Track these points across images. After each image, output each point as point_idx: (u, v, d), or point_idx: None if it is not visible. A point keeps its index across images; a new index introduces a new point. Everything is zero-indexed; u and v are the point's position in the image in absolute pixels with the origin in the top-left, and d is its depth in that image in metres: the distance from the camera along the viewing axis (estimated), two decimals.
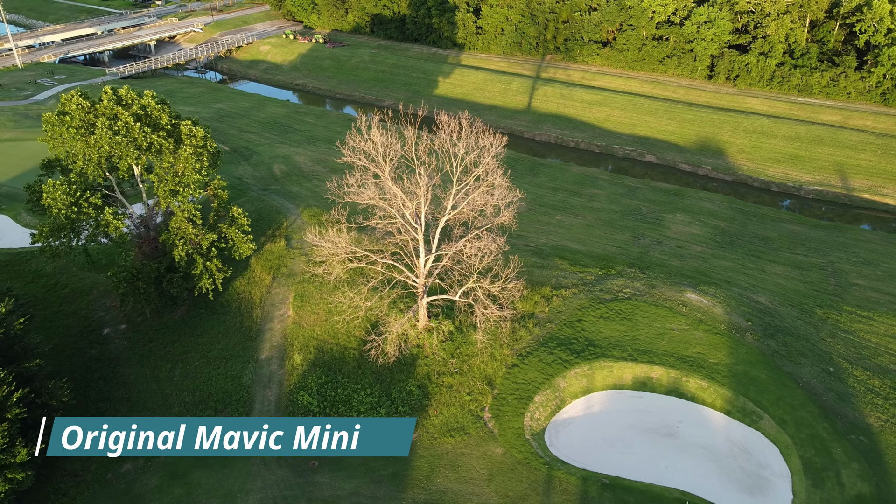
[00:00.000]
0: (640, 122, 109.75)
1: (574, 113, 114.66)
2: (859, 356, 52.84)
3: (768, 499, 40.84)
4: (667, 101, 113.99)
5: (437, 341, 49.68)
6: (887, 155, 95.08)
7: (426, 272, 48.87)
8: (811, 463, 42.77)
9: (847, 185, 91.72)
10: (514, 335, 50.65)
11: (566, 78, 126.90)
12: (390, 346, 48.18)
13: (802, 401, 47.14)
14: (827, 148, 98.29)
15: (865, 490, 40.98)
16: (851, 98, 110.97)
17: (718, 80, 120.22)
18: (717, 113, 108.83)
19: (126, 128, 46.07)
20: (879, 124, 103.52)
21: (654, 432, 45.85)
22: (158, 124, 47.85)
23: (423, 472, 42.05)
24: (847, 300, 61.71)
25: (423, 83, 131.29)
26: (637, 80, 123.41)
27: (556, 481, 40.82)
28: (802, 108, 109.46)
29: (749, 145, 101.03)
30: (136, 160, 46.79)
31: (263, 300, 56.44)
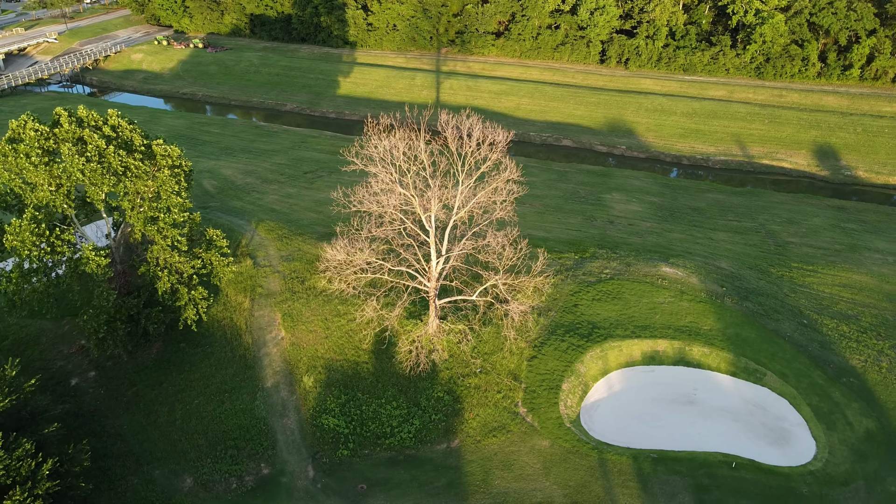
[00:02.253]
0: (550, 108, 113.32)
1: (484, 104, 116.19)
2: (821, 307, 58.05)
3: (795, 447, 43.97)
4: (569, 87, 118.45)
5: (454, 343, 48.82)
6: (774, 123, 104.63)
7: (438, 275, 47.83)
8: (819, 409, 46.52)
9: (747, 154, 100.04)
10: (525, 327, 50.83)
11: (467, 70, 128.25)
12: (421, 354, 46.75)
13: (793, 354, 51.09)
14: (721, 121, 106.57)
15: (871, 426, 45.20)
16: (730, 74, 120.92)
17: (611, 63, 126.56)
18: (619, 95, 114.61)
19: (98, 152, 41.09)
20: (759, 96, 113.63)
21: (674, 402, 47.87)
22: (132, 146, 43.09)
23: (478, 476, 41.34)
24: (790, 257, 67.54)
25: (323, 84, 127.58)
26: (536, 69, 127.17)
27: (610, 464, 41.61)
28: (691, 85, 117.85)
29: (654, 123, 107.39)
30: (114, 187, 41.85)
31: (249, 325, 52.75)
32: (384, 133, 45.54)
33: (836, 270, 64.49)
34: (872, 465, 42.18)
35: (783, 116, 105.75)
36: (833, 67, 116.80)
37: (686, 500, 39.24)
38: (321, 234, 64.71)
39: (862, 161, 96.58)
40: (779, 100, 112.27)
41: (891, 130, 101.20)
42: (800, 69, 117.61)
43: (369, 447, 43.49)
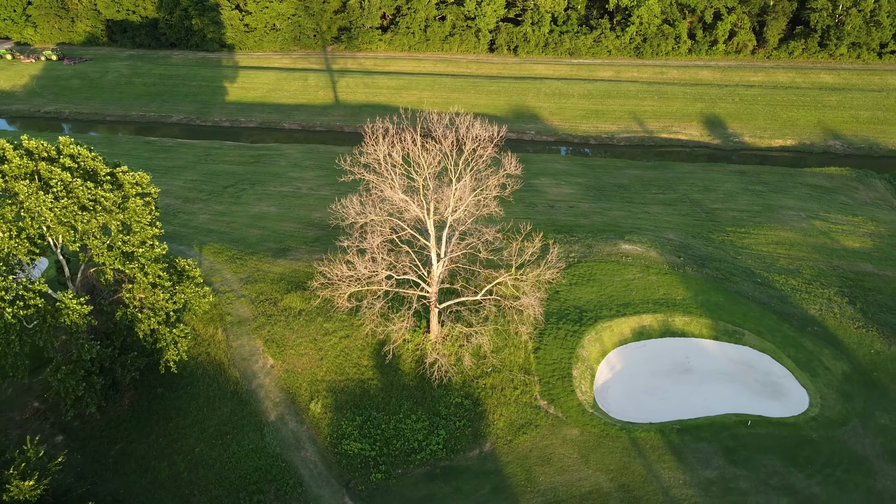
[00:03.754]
0: (453, 99, 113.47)
1: (385, 100, 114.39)
2: (766, 265, 62.73)
3: (790, 398, 47.24)
4: (466, 77, 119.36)
5: (458, 346, 47.73)
6: (663, 99, 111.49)
7: (438, 279, 46.49)
8: (798, 359, 50.29)
9: (646, 129, 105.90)
10: (536, 320, 50.52)
11: (358, 67, 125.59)
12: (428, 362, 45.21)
13: (760, 311, 54.84)
14: (616, 100, 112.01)
15: (845, 367, 49.52)
16: (613, 55, 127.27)
17: (501, 51, 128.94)
18: (516, 82, 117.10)
19: (64, 186, 35.82)
20: (643, 74, 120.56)
21: (673, 373, 49.84)
22: (96, 176, 37.96)
23: (520, 476, 40.82)
24: (722, 223, 72.39)
25: (209, 92, 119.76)
26: (428, 61, 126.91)
27: (641, 441, 42.60)
28: (581, 68, 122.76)
29: (556, 107, 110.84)
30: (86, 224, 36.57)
31: (230, 357, 48.61)
32: (383, 139, 43.39)
33: (765, 230, 69.95)
34: (859, 404, 46.24)
35: (669, 92, 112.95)
36: (701, 43, 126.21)
37: (720, 464, 41.01)
38: (275, 250, 60.98)
39: (745, 128, 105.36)
40: (661, 76, 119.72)
41: (762, 98, 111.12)
42: (673, 47, 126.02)
43: (401, 466, 41.64)
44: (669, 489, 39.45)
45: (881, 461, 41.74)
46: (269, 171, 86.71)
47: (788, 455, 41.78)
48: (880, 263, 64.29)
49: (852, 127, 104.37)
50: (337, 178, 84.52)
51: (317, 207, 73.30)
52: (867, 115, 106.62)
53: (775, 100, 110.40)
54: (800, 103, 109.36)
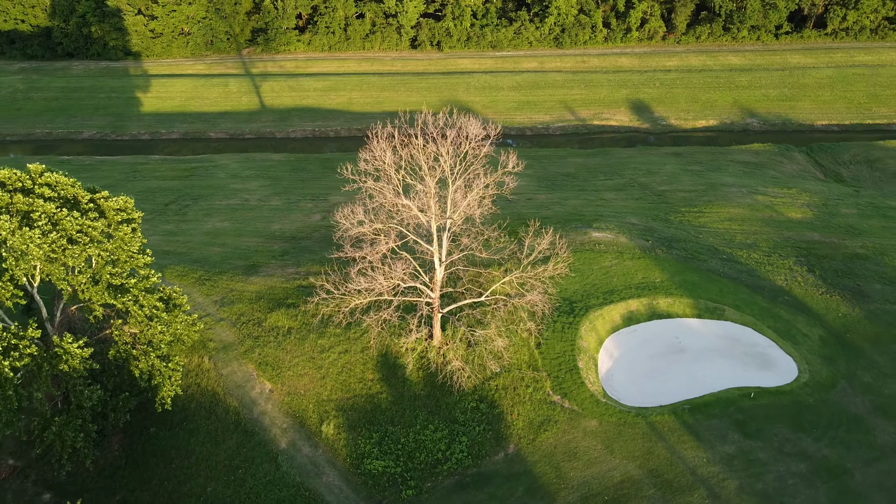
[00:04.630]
0: (384, 98, 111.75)
1: (314, 103, 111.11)
2: (726, 241, 65.49)
3: (780, 367, 49.42)
4: (394, 75, 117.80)
5: (462, 350, 46.87)
6: (589, 87, 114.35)
7: (441, 283, 45.43)
8: (778, 329, 52.77)
9: (578, 117, 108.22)
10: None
11: (280, 70, 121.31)
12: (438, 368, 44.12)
13: (733, 287, 57.19)
14: (545, 90, 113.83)
15: (820, 332, 52.45)
16: (534, 46, 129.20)
17: (424, 48, 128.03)
18: (445, 77, 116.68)
19: (49, 219, 32.18)
20: (566, 64, 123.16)
21: (667, 354, 51.07)
22: (78, 205, 34.37)
23: (551, 474, 40.62)
24: (675, 204, 74.99)
25: (121, 103, 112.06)
26: (351, 61, 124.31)
27: (658, 425, 43.38)
28: (505, 60, 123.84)
29: (488, 100, 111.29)
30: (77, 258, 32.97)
31: (223, 386, 45.62)
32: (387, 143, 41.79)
33: (715, 208, 73.05)
34: (842, 366, 49.08)
35: (595, 80, 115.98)
36: (616, 32, 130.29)
37: (736, 438, 42.39)
38: (244, 268, 57.85)
39: (669, 111, 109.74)
40: (583, 65, 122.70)
41: (680, 82, 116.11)
42: (590, 36, 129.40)
43: (430, 479, 40.48)
44: (696, 469, 40.39)
45: (874, 417, 44.46)
46: (208, 185, 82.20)
47: (793, 422, 43.74)
48: (824, 231, 68.58)
49: (765, 105, 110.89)
50: (284, 187, 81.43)
51: (273, 219, 70.16)
52: (776, 92, 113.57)
53: (692, 83, 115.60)
54: (715, 85, 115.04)
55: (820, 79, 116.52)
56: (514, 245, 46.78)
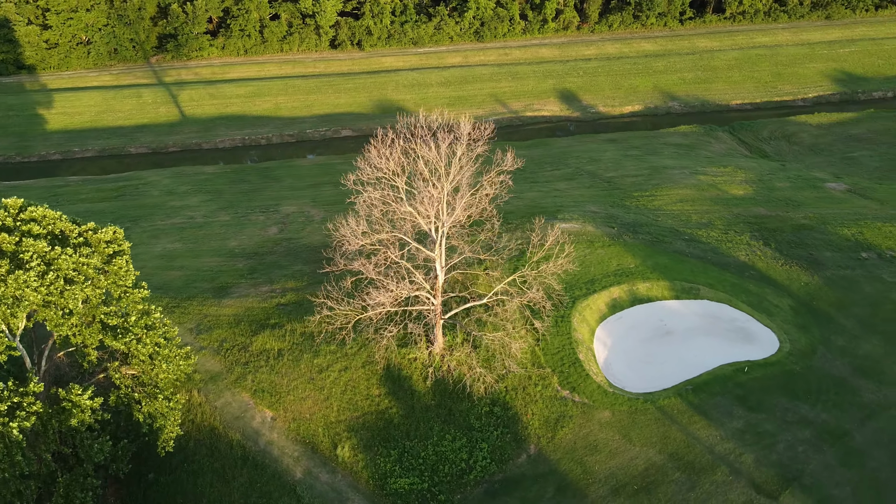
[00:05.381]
0: (312, 101, 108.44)
1: (239, 110, 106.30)
2: (684, 222, 67.80)
3: (762, 339, 51.39)
4: (319, 77, 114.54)
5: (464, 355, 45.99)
6: (516, 79, 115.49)
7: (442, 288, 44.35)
8: (751, 302, 55.07)
9: (510, 109, 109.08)
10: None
11: (195, 77, 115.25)
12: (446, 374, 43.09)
13: (702, 266, 59.28)
14: (474, 84, 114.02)
15: (790, 302, 55.22)
16: (455, 41, 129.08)
17: (345, 47, 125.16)
18: (371, 76, 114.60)
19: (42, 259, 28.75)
20: (489, 57, 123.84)
21: (657, 337, 52.19)
22: (67, 240, 30.94)
23: (577, 470, 40.59)
24: (626, 189, 76.89)
25: (22, 122, 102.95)
26: (271, 64, 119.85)
27: (668, 409, 44.24)
28: (429, 57, 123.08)
29: (419, 98, 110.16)
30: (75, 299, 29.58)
31: (221, 420, 42.71)
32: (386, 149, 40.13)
33: (665, 191, 75.52)
34: (816, 333, 51.81)
35: (520, 72, 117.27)
36: (534, 23, 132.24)
37: (741, 413, 43.85)
38: (213, 290, 54.52)
39: (596, 98, 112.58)
40: (506, 58, 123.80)
41: (602, 70, 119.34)
42: (509, 28, 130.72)
43: (458, 491, 39.53)
44: (713, 447, 41.48)
45: (856, 378, 47.18)
46: (143, 204, 76.94)
47: (788, 391, 45.75)
48: (768, 205, 72.34)
49: (683, 88, 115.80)
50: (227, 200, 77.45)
51: (227, 236, 66.47)
52: (691, 76, 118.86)
53: (613, 70, 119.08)
54: (634, 71, 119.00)
55: (727, 61, 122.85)
56: (513, 243, 46.30)
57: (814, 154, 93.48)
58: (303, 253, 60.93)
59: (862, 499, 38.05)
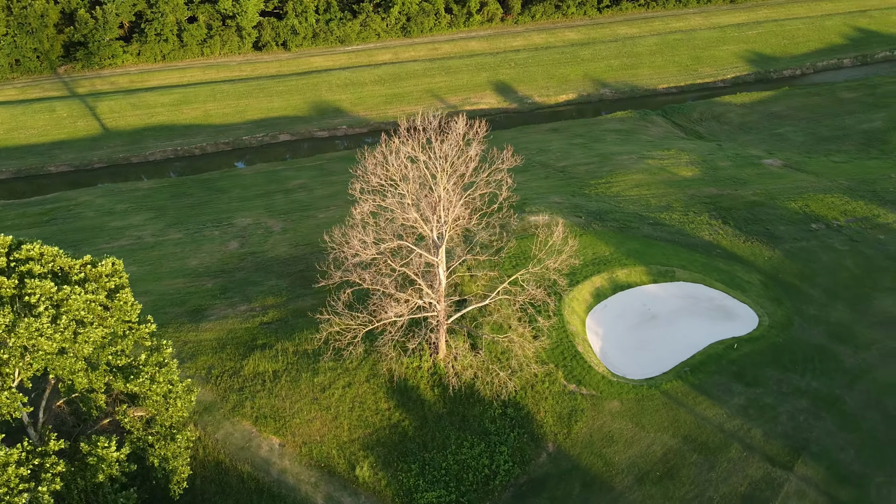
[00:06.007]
0: (244, 107, 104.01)
1: (166, 119, 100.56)
2: (645, 206, 69.43)
3: (742, 316, 53.22)
4: (247, 81, 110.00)
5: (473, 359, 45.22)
6: (450, 73, 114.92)
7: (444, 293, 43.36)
8: (724, 280, 57.02)
9: (448, 104, 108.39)
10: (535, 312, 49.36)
11: (112, 87, 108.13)
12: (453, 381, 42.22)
13: (673, 248, 60.91)
14: (409, 81, 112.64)
15: (759, 277, 57.57)
16: (382, 38, 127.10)
17: (270, 49, 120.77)
18: (302, 78, 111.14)
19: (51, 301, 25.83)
20: (420, 53, 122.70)
21: (644, 322, 53.12)
22: (67, 277, 27.98)
23: (599, 464, 40.73)
24: (582, 178, 77.95)
25: None
26: (194, 69, 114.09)
27: (672, 393, 45.13)
28: (359, 55, 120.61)
29: (355, 97, 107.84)
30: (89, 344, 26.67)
31: (225, 453, 40.18)
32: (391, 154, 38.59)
33: (619, 177, 77.10)
34: (788, 304, 54.26)
35: (453, 66, 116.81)
36: (459, 16, 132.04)
37: (741, 389, 45.31)
38: (188, 314, 51.35)
39: (531, 89, 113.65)
40: (436, 53, 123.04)
41: (532, 60, 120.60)
42: (435, 23, 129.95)
43: (487, 498, 38.86)
44: (721, 426, 42.64)
45: (834, 344, 49.71)
46: (81, 227, 71.50)
47: (777, 363, 47.66)
48: (717, 185, 75.15)
49: (611, 75, 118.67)
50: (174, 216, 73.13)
51: (185, 255, 62.72)
52: (617, 62, 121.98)
53: (543, 60, 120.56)
54: (563, 60, 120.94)
55: (649, 46, 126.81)
56: (512, 242, 45.86)
57: (743, 132, 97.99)
58: (273, 267, 58.32)
59: (866, 460, 40.12)
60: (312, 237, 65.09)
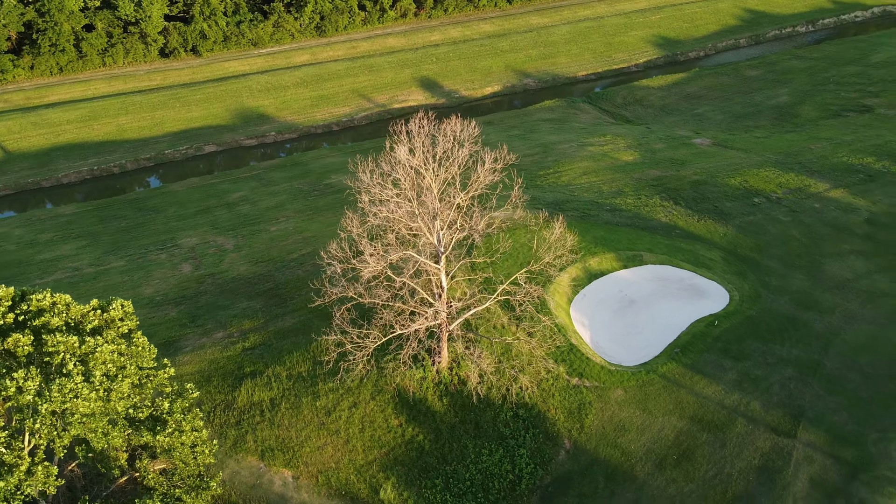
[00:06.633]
0: (161, 118, 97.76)
1: (75, 137, 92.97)
2: (597, 193, 70.78)
3: (713, 292, 55.12)
4: (160, 91, 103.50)
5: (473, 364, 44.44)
6: (373, 72, 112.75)
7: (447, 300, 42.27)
8: (688, 260, 59.00)
9: (377, 103, 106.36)
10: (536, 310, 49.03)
11: (7, 105, 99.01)
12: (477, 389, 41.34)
13: (634, 232, 62.43)
14: (332, 82, 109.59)
15: (720, 254, 59.88)
16: (297, 38, 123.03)
17: (179, 55, 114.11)
18: (220, 84, 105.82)
19: (75, 357, 22.89)
20: (338, 52, 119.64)
21: (625, 308, 54.02)
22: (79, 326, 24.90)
23: (616, 455, 41.03)
24: (531, 169, 78.41)
25: None
26: (98, 81, 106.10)
27: (670, 375, 46.12)
28: (276, 57, 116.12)
29: (279, 102, 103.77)
30: (124, 399, 23.77)
31: (236, 492, 37.58)
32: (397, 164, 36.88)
33: (567, 166, 78.19)
34: (752, 278, 56.73)
35: (375, 64, 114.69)
36: (373, 13, 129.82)
37: (730, 365, 46.87)
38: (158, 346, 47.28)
39: (456, 83, 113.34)
40: (355, 51, 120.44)
41: (453, 54, 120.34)
42: (349, 20, 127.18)
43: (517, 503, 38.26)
44: (722, 401, 44.01)
45: (801, 311, 52.39)
46: (4, 263, 64.88)
47: (757, 336, 49.71)
48: (659, 167, 77.66)
49: (532, 64, 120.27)
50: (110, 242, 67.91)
51: (136, 284, 58.14)
52: (535, 52, 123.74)
53: (463, 53, 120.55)
54: (483, 53, 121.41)
55: (563, 35, 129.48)
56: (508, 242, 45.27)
57: (666, 114, 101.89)
58: (239, 288, 55.13)
59: (858, 419, 42.50)
60: (271, 253, 62.20)
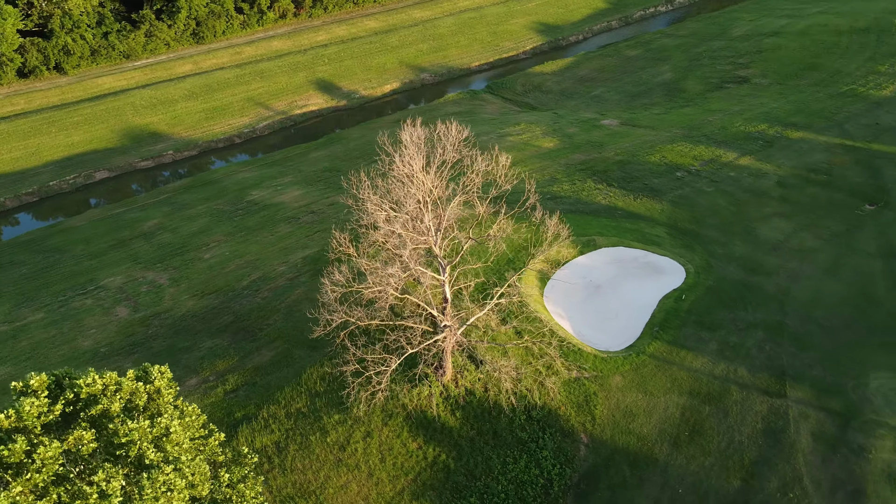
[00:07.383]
0: (38, 147, 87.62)
1: None
2: (548, 178, 71.47)
3: (670, 268, 57.26)
4: (29, 116, 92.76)
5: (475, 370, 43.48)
6: (265, 78, 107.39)
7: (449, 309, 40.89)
8: (637, 238, 61.10)
9: (276, 111, 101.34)
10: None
11: None
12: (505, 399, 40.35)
13: (581, 218, 63.76)
14: (224, 91, 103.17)
15: (664, 230, 62.48)
16: (173, 47, 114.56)
17: (41, 75, 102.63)
18: (96, 103, 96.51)
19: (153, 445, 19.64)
20: (222, 59, 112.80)
21: (592, 294, 54.98)
22: (129, 405, 21.44)
23: (633, 441, 41.69)
24: None
25: None
26: None
27: (658, 354, 47.49)
28: (154, 69, 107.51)
29: (170, 118, 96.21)
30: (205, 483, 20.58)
31: None
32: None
33: None
34: (700, 250, 59.62)
35: (265, 70, 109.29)
36: (252, 16, 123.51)
37: (709, 336, 48.91)
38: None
39: (353, 83, 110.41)
40: (240, 57, 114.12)
41: (344, 53, 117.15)
42: (227, 25, 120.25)
43: None
44: (712, 372, 45.97)
45: (751, 276, 55.73)
46: None
47: (722, 304, 52.34)
48: (580, 150, 79.81)
49: (425, 59, 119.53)
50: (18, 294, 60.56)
51: (69, 336, 51.74)
52: (425, 46, 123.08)
53: (354, 52, 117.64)
54: (375, 50, 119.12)
55: (448, 27, 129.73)
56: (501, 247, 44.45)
57: (566, 98, 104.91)
58: (194, 325, 50.62)
59: (832, 370, 45.84)
60: (216, 283, 57.70)
